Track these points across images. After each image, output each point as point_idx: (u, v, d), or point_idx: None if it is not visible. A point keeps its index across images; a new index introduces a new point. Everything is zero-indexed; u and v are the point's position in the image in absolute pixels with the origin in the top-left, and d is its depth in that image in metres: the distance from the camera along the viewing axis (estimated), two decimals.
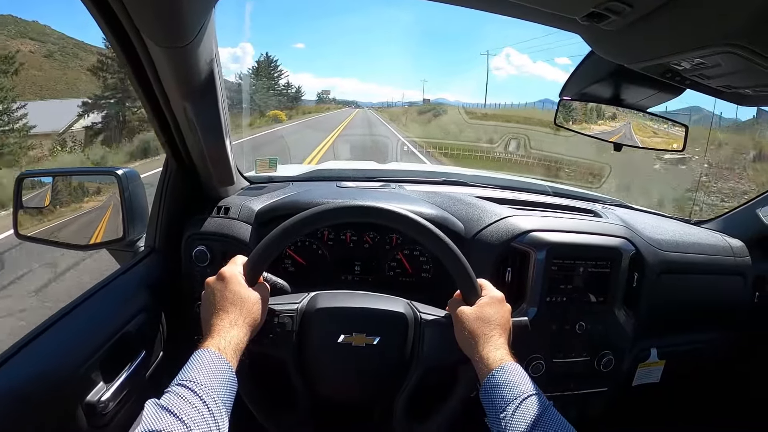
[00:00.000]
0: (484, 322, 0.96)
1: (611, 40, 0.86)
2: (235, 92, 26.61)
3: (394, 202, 1.43)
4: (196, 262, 1.40)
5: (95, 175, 1.65)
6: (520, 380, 0.87)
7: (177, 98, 1.11)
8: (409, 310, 1.07)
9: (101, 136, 26.85)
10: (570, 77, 1.25)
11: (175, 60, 0.98)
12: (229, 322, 0.89)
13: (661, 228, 1.74)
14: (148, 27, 0.89)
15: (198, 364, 0.80)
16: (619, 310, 1.50)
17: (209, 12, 0.93)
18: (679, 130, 1.44)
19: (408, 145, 14.38)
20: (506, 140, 5.80)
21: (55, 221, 1.47)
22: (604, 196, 2.12)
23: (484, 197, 1.63)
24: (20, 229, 1.41)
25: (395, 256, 1.52)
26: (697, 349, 1.80)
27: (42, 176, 1.58)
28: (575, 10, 0.75)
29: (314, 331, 1.03)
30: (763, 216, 1.82)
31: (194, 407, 0.73)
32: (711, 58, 0.76)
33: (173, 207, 1.41)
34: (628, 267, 1.49)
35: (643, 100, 1.28)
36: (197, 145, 1.25)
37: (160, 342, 1.33)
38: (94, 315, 1.12)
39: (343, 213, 1.03)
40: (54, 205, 1.47)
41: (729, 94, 1.00)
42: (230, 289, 0.93)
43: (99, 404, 1.02)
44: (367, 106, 65.28)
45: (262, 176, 1.75)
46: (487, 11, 0.93)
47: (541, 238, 1.42)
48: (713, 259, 1.76)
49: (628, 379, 1.68)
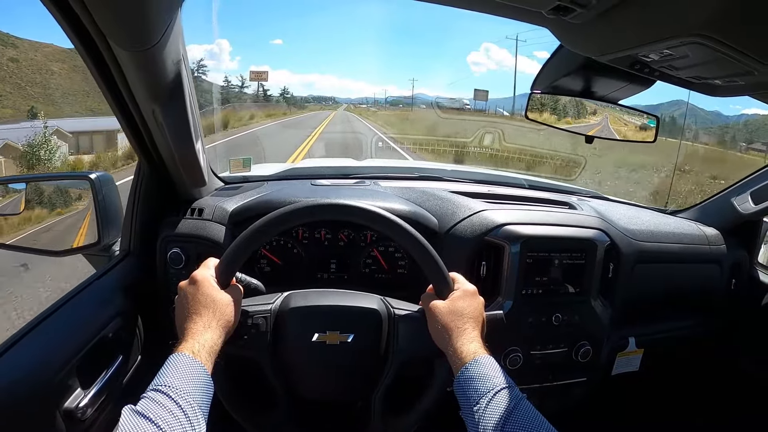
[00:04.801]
0: (457, 316, 0.97)
1: (578, 32, 0.86)
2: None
3: (367, 198, 1.43)
4: (171, 264, 1.39)
5: (69, 179, 1.63)
6: (493, 373, 0.88)
7: (145, 101, 1.10)
8: (382, 306, 1.07)
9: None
10: (541, 70, 1.25)
11: (140, 63, 0.96)
12: (202, 325, 0.89)
13: (636, 218, 1.76)
14: (112, 30, 0.88)
15: (173, 369, 0.80)
16: (596, 300, 1.51)
17: (174, 13, 0.92)
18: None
19: (384, 140, 14.30)
20: (480, 135, 5.81)
21: (32, 228, 1.45)
22: (580, 188, 2.14)
23: (458, 192, 1.64)
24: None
25: (370, 253, 1.52)
26: (675, 336, 1.83)
27: (14, 182, 1.56)
28: (541, 4, 0.76)
29: (288, 331, 1.03)
30: (737, 204, 1.85)
31: (170, 412, 0.73)
32: (678, 49, 0.77)
33: (147, 210, 1.39)
34: (603, 258, 1.51)
35: (614, 92, 1.29)
36: (167, 147, 1.24)
37: (138, 346, 1.33)
38: (69, 321, 1.10)
39: (312, 211, 1.03)
40: (28, 211, 1.45)
41: (699, 85, 1.01)
42: (202, 292, 0.93)
43: (77, 411, 1.01)
44: (345, 103, 60.78)
45: (237, 176, 1.75)
46: (456, 7, 0.93)
47: (515, 231, 1.43)
48: (689, 248, 1.79)
49: (608, 369, 1.70)
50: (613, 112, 1.44)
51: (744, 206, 1.83)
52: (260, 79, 20.62)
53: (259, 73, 12.57)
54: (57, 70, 27.16)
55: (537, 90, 1.32)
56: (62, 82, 26.59)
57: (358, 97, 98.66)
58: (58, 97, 25.74)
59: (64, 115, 23.43)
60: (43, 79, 26.72)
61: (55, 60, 27.55)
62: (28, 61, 27.40)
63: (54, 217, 1.51)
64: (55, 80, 26.72)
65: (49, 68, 27.18)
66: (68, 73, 27.20)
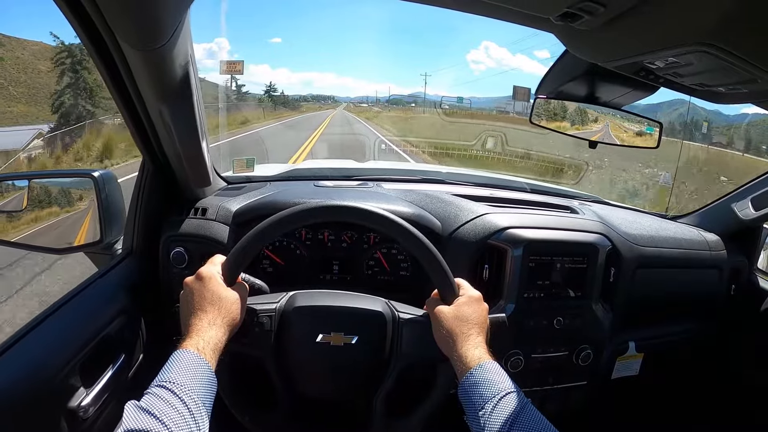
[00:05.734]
0: (462, 321, 0.97)
1: (585, 39, 0.86)
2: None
3: (371, 200, 1.44)
4: (174, 263, 1.39)
5: (71, 177, 1.62)
6: (499, 378, 0.88)
7: (153, 100, 1.10)
8: (387, 309, 1.07)
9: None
10: (545, 75, 1.26)
11: (150, 62, 0.97)
12: (207, 322, 0.89)
13: (637, 223, 1.76)
14: (122, 29, 0.88)
15: (177, 365, 0.80)
16: (597, 304, 1.52)
17: (184, 13, 0.92)
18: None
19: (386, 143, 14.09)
20: (483, 138, 5.80)
21: (35, 225, 1.45)
22: (582, 192, 2.14)
23: (461, 195, 1.64)
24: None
25: (373, 255, 1.52)
26: (675, 341, 1.84)
27: (16, 179, 1.56)
28: (549, 10, 0.76)
29: (292, 330, 1.03)
30: (738, 210, 1.86)
31: (174, 408, 0.73)
32: (684, 57, 0.77)
33: (150, 209, 1.39)
34: (604, 262, 1.51)
35: (618, 98, 1.29)
36: (173, 147, 1.24)
37: (140, 345, 1.33)
38: (72, 319, 1.10)
39: (319, 213, 1.03)
40: (32, 208, 1.45)
41: (703, 92, 1.01)
42: (209, 288, 0.93)
43: (80, 409, 1.01)
44: (345, 102, 58.43)
45: (240, 176, 1.75)
46: (461, 11, 0.93)
47: (518, 235, 1.43)
48: (689, 253, 1.79)
49: (608, 373, 1.70)
50: (614, 120, 1.45)
51: (744, 212, 1.84)
52: (234, 72, 18.63)
53: (233, 63, 11.47)
54: (44, 69, 26.72)
55: (541, 95, 1.32)
56: (49, 82, 26.14)
57: (358, 96, 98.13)
58: (42, 97, 25.22)
59: (47, 116, 22.83)
60: (29, 78, 26.26)
61: (43, 58, 27.08)
62: (14, 60, 26.88)
63: (55, 216, 1.50)
64: (41, 80, 26.26)
65: (36, 67, 26.68)
66: (55, 72, 26.76)
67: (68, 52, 24.32)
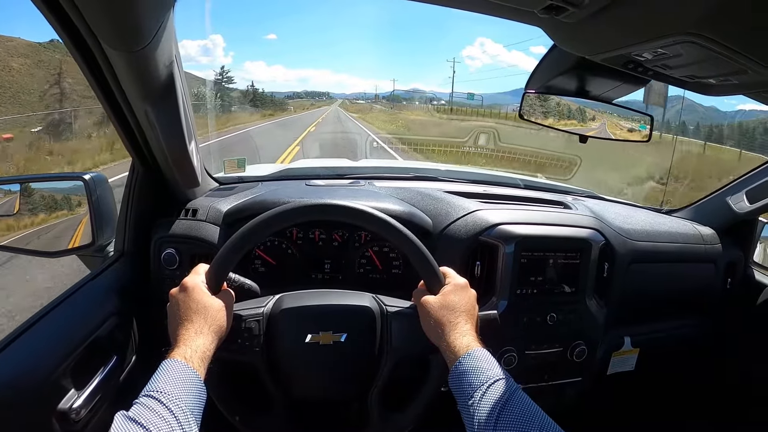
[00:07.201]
0: (449, 310, 0.97)
1: (571, 32, 0.86)
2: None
3: (362, 198, 1.43)
4: (165, 265, 1.39)
5: (62, 180, 1.62)
6: (487, 365, 0.88)
7: (137, 101, 1.09)
8: (374, 303, 1.07)
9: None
10: (534, 70, 1.25)
11: (132, 63, 0.96)
12: (194, 331, 0.89)
13: (631, 218, 1.76)
14: (103, 30, 0.88)
15: (165, 375, 0.81)
16: (591, 300, 1.51)
17: (166, 14, 0.92)
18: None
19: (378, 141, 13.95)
20: (475, 134, 5.78)
21: (27, 229, 1.45)
22: (576, 187, 2.14)
23: (453, 192, 1.64)
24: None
25: (365, 253, 1.52)
26: (670, 335, 1.83)
27: (8, 184, 1.55)
28: (533, 3, 0.75)
29: (281, 333, 1.02)
30: (733, 204, 1.86)
31: (162, 418, 0.73)
32: (672, 48, 0.76)
33: (141, 210, 1.39)
34: (598, 257, 1.51)
35: (608, 91, 1.28)
36: (160, 148, 1.23)
37: (132, 347, 1.32)
38: (64, 321, 1.10)
39: (299, 212, 1.02)
40: (24, 211, 1.44)
41: (693, 84, 1.01)
42: (193, 298, 0.93)
43: (71, 411, 1.01)
44: (340, 98, 57.47)
45: (232, 177, 1.75)
46: (448, 6, 0.93)
47: (510, 231, 1.43)
48: (684, 247, 1.79)
49: (603, 369, 1.70)
50: (610, 118, 1.44)
51: (739, 205, 1.84)
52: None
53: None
54: (17, 67, 26.34)
55: (531, 90, 1.31)
56: (20, 80, 25.71)
57: (354, 93, 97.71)
58: (9, 97, 24.79)
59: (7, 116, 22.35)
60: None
61: (17, 55, 26.69)
62: None
63: (46, 221, 1.50)
64: (12, 77, 25.86)
65: (8, 64, 26.24)
66: (29, 70, 26.32)
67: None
